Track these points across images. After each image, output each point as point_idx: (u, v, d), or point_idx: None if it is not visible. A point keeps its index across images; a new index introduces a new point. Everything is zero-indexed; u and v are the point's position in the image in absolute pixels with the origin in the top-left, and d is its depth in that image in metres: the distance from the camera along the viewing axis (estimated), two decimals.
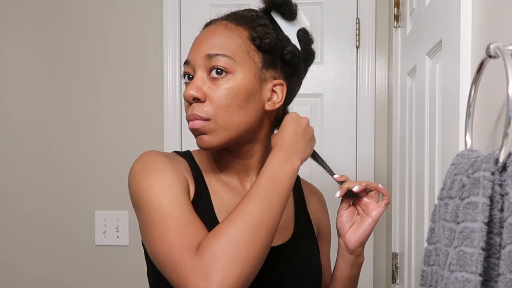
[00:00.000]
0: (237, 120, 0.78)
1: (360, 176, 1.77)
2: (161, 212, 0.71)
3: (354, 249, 0.87)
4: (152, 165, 0.77)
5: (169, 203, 0.72)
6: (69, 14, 1.85)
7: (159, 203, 0.72)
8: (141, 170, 0.77)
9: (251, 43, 0.80)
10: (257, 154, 0.86)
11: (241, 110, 0.78)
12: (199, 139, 0.79)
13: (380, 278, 1.78)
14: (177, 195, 0.74)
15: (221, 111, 0.77)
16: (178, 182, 0.76)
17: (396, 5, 1.54)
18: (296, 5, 0.85)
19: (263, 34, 0.79)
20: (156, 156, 0.79)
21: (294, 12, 0.85)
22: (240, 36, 0.80)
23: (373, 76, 1.77)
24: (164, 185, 0.74)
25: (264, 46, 0.79)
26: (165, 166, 0.77)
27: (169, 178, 0.75)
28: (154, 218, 0.71)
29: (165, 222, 0.70)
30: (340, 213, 0.88)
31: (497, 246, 0.51)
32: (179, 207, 0.72)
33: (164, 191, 0.73)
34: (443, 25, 0.91)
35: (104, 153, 1.84)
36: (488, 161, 0.53)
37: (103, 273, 1.84)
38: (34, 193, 1.86)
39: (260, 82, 0.80)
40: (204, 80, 0.78)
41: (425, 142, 1.09)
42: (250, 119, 0.80)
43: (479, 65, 0.62)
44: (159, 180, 0.74)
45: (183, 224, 0.70)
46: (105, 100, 1.84)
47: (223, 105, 0.77)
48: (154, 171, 0.76)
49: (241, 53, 0.78)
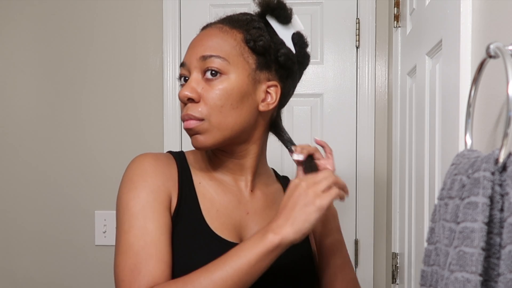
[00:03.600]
0: (231, 120, 0.80)
1: (360, 176, 1.77)
2: (126, 239, 0.76)
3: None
4: (135, 178, 0.80)
5: (137, 230, 0.76)
6: (69, 14, 1.85)
7: (128, 228, 0.76)
8: (126, 180, 0.80)
9: (245, 45, 0.82)
10: (252, 154, 0.88)
11: (235, 110, 0.80)
12: (194, 139, 0.81)
13: (380, 278, 1.78)
14: (150, 218, 0.77)
15: (215, 111, 0.79)
16: (154, 200, 0.78)
17: (396, 5, 1.54)
18: (291, 9, 0.87)
19: (257, 36, 0.81)
20: (142, 167, 0.81)
21: (289, 16, 0.86)
22: (234, 39, 0.82)
23: (373, 76, 1.77)
24: (139, 206, 0.77)
25: (258, 48, 0.81)
26: (146, 180, 0.79)
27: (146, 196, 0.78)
28: (120, 244, 0.76)
29: (125, 253, 0.75)
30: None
31: (497, 246, 0.51)
32: (147, 234, 0.75)
33: (137, 214, 0.77)
34: (443, 25, 0.91)
35: (104, 153, 1.84)
36: (488, 161, 0.53)
37: (103, 273, 1.84)
38: (34, 193, 1.86)
39: (254, 83, 0.82)
40: (199, 81, 0.80)
41: (425, 142, 1.09)
42: (243, 119, 0.81)
43: (479, 65, 0.62)
44: (136, 199, 0.78)
45: (141, 260, 0.74)
46: (105, 100, 1.84)
47: (217, 105, 0.79)
48: (134, 187, 0.79)
49: (235, 54, 0.80)
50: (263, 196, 0.91)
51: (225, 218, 0.84)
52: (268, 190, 0.93)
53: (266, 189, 0.93)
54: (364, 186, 1.77)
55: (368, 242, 1.78)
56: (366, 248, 1.78)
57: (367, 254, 1.78)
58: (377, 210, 1.78)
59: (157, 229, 0.76)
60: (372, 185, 1.77)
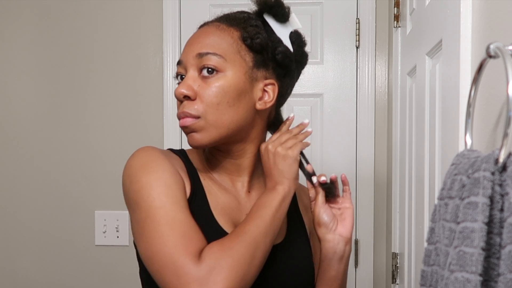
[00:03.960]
0: (227, 118, 0.79)
1: (360, 176, 1.77)
2: (165, 213, 0.72)
3: (350, 238, 0.91)
4: (150, 163, 0.77)
5: (171, 205, 0.73)
6: (69, 14, 1.85)
7: (161, 204, 0.73)
8: (139, 167, 0.77)
9: (242, 42, 0.81)
10: (249, 153, 0.87)
11: (231, 108, 0.79)
12: (190, 137, 0.81)
13: (380, 278, 1.78)
14: (177, 197, 0.75)
15: (211, 109, 0.78)
16: (176, 183, 0.77)
17: (396, 5, 1.54)
18: (289, 7, 0.86)
19: (254, 34, 0.81)
20: (153, 153, 0.79)
21: (287, 14, 0.86)
22: (231, 36, 0.81)
23: (373, 76, 1.77)
24: (164, 186, 0.74)
25: (255, 46, 0.81)
26: (163, 164, 0.77)
27: (168, 179, 0.76)
28: (156, 218, 0.72)
29: (169, 224, 0.71)
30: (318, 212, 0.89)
31: (497, 246, 0.51)
32: (182, 211, 0.73)
33: (165, 192, 0.74)
34: (443, 25, 0.91)
35: (104, 153, 1.84)
36: (488, 161, 0.53)
37: (103, 273, 1.84)
38: (34, 193, 1.86)
39: (251, 81, 0.81)
40: (195, 78, 0.80)
41: (425, 142, 1.09)
42: (240, 117, 0.81)
43: (479, 65, 0.62)
44: (159, 180, 0.75)
45: (188, 230, 0.72)
46: (105, 100, 1.84)
47: (213, 103, 0.78)
48: (152, 170, 0.76)
49: (232, 52, 0.80)
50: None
51: (228, 217, 0.84)
52: None
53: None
54: (364, 186, 1.77)
55: (368, 242, 1.78)
56: (366, 248, 1.78)
57: (367, 254, 1.78)
58: (377, 210, 1.78)
59: (188, 210, 0.76)
60: (372, 185, 1.77)
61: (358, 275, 1.79)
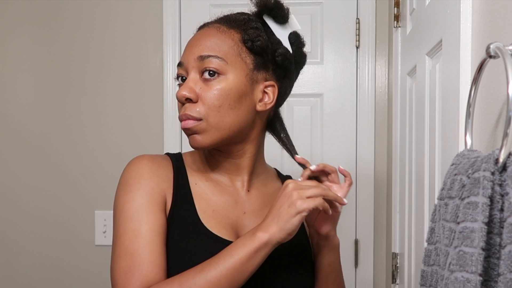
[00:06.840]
0: (229, 120, 0.80)
1: (360, 176, 1.77)
2: (121, 243, 0.77)
3: (328, 233, 0.87)
4: (131, 180, 0.81)
5: (130, 233, 0.77)
6: (69, 14, 1.85)
7: (123, 231, 0.78)
8: (123, 183, 0.82)
9: (243, 45, 0.82)
10: (248, 153, 0.88)
11: (233, 110, 0.80)
12: (191, 138, 0.82)
13: (380, 278, 1.78)
14: (143, 221, 0.78)
15: (213, 111, 0.79)
16: (148, 202, 0.80)
17: (396, 5, 1.54)
18: (288, 9, 0.87)
19: (254, 36, 0.82)
20: (139, 168, 0.82)
21: (286, 16, 0.86)
22: (232, 39, 0.82)
23: (373, 76, 1.77)
24: (133, 209, 0.79)
25: (255, 48, 0.82)
26: (142, 182, 0.81)
27: (143, 197, 0.79)
28: (115, 244, 0.79)
29: (119, 256, 0.77)
30: None
31: (497, 246, 0.51)
32: (138, 239, 0.77)
33: (130, 218, 0.78)
34: (443, 25, 0.92)
35: (104, 153, 1.84)
36: (488, 161, 0.53)
37: (103, 273, 1.84)
38: (34, 193, 1.86)
39: (251, 83, 0.82)
40: (197, 81, 0.81)
41: (425, 142, 1.09)
42: (241, 119, 0.82)
43: (479, 65, 0.62)
44: (131, 202, 0.79)
45: (137, 263, 0.75)
46: (105, 100, 1.84)
47: (214, 105, 0.79)
48: (129, 190, 0.80)
49: (232, 55, 0.81)
50: (260, 196, 0.91)
51: (222, 218, 0.85)
52: (267, 189, 0.93)
53: (264, 188, 0.93)
54: (364, 186, 1.77)
55: (368, 242, 1.78)
56: (366, 248, 1.78)
57: (367, 254, 1.78)
58: (377, 210, 1.78)
59: (151, 231, 0.78)
60: (372, 185, 1.77)
61: (358, 275, 1.79)
